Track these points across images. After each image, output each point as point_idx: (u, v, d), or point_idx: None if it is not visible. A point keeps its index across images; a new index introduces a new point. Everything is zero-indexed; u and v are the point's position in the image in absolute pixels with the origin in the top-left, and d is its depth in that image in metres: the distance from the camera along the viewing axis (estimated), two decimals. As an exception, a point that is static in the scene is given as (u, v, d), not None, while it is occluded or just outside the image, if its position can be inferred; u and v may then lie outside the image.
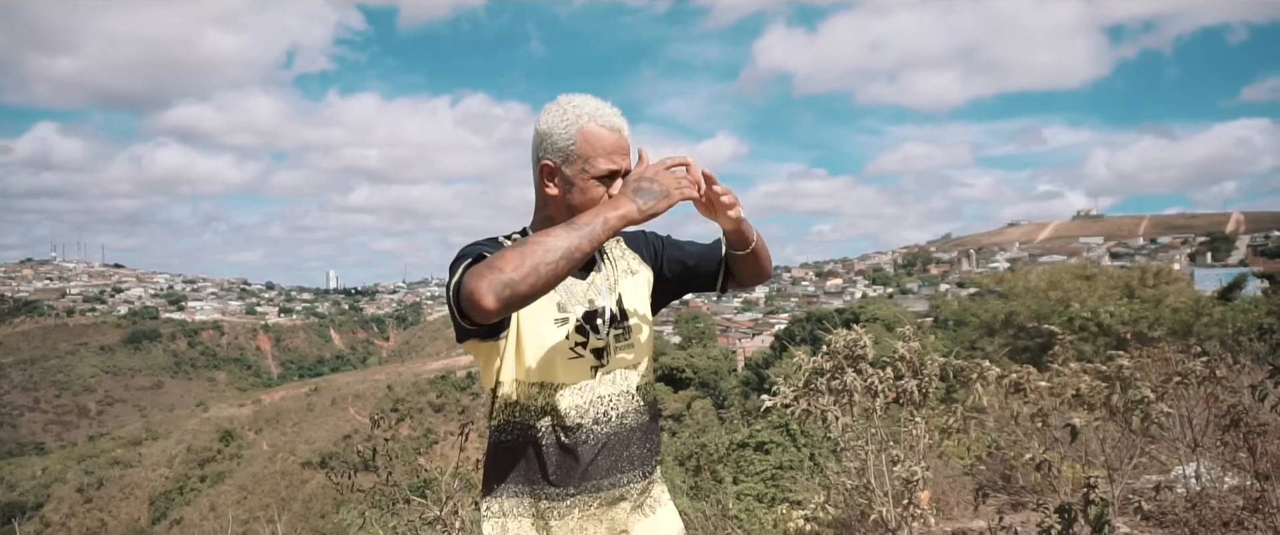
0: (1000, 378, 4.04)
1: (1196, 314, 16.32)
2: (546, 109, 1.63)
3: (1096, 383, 4.21)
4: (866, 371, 3.64)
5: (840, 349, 3.75)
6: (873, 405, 3.61)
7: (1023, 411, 4.32)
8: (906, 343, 3.81)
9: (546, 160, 1.61)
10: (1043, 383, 4.07)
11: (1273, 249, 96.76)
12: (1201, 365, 4.28)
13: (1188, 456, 5.20)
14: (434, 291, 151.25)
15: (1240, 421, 3.56)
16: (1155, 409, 4.13)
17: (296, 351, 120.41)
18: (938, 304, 58.66)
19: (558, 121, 1.59)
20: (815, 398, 3.52)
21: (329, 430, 68.85)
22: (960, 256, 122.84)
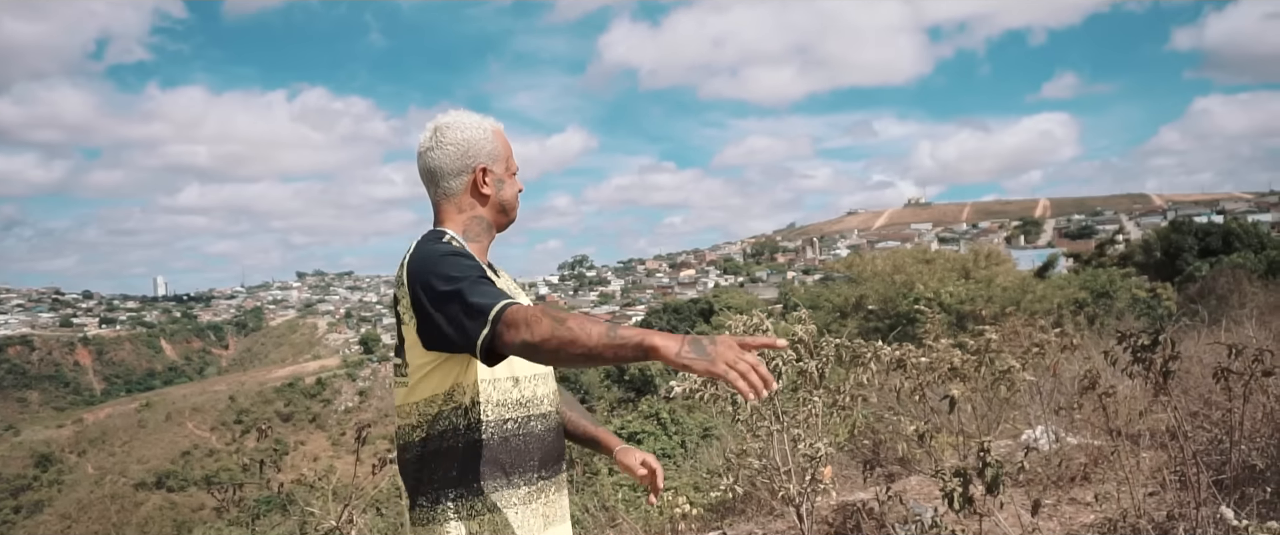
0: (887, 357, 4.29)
1: (1022, 291, 17.80)
2: (449, 125, 1.79)
3: (969, 357, 4.55)
4: (768, 355, 3.78)
5: (741, 334, 3.86)
6: (776, 386, 3.75)
7: (904, 386, 4.61)
8: (804, 326, 3.97)
9: (480, 164, 1.77)
10: (923, 359, 4.36)
11: (1074, 231, 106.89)
12: (1057, 337, 4.71)
13: (1036, 421, 5.71)
14: (276, 294, 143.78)
15: (1095, 384, 3.94)
16: (1019, 378, 4.52)
17: (123, 365, 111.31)
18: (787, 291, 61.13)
19: (475, 129, 1.79)
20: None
21: (165, 447, 64.23)
22: (805, 245, 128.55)
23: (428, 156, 1.78)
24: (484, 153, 1.78)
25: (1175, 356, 3.99)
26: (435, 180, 1.78)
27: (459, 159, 1.76)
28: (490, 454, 1.66)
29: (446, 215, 1.78)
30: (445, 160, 1.76)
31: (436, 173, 1.77)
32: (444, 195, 1.78)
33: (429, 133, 1.79)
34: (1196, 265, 29.09)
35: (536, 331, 1.41)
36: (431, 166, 1.77)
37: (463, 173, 1.77)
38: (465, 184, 1.77)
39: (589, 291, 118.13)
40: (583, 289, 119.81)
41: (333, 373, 78.80)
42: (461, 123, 1.79)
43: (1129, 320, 14.52)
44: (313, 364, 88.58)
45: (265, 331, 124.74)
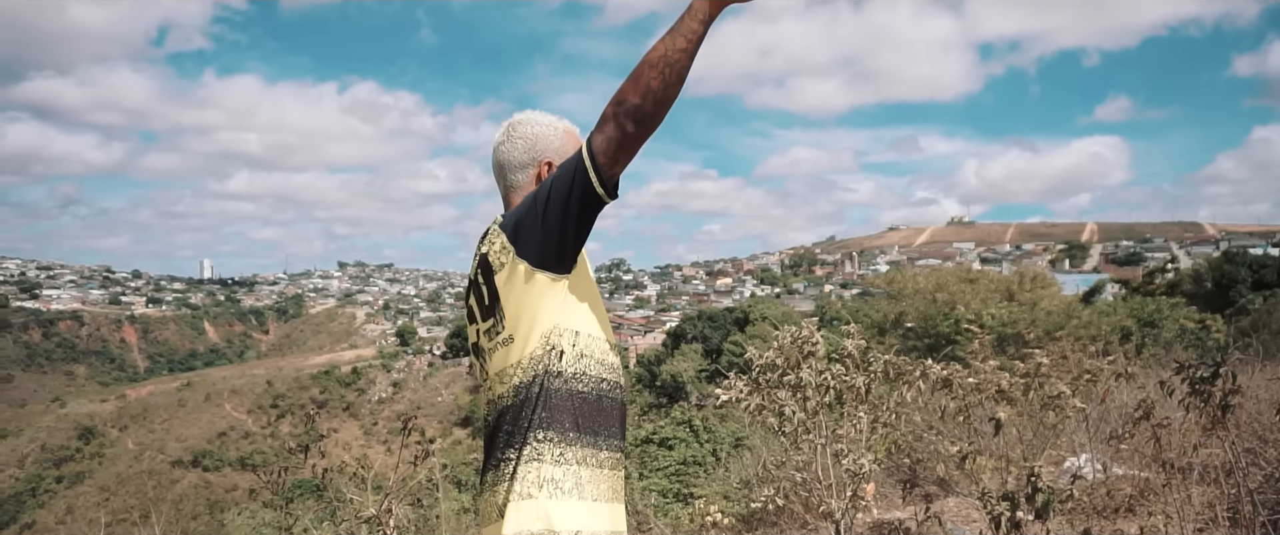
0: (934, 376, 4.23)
1: (1067, 316, 17.47)
2: (522, 121, 1.86)
3: (1016, 380, 4.47)
4: (817, 368, 3.75)
5: (790, 345, 3.85)
6: (822, 400, 3.73)
7: (949, 406, 4.55)
8: (853, 340, 3.94)
9: (547, 159, 1.83)
10: (970, 380, 4.29)
11: (1122, 257, 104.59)
12: (1109, 365, 4.61)
13: (1080, 449, 5.59)
14: (318, 283, 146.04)
15: (1150, 415, 3.85)
16: (1069, 404, 4.43)
17: (166, 344, 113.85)
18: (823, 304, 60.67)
19: (546, 126, 1.85)
20: (770, 393, 3.61)
21: (202, 427, 65.49)
22: (844, 258, 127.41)
23: (499, 150, 1.85)
24: (551, 148, 1.83)
25: (1236, 390, 3.89)
26: (504, 173, 1.84)
27: (527, 153, 1.82)
28: (588, 408, 1.68)
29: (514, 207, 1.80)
30: (514, 153, 1.83)
31: (505, 165, 1.84)
32: (511, 187, 1.84)
33: (503, 129, 1.86)
34: (1249, 298, 28.32)
35: (624, 95, 1.56)
36: (501, 160, 1.85)
37: (529, 165, 1.82)
38: (531, 176, 1.82)
39: (625, 294, 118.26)
40: (619, 292, 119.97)
41: (368, 363, 79.74)
42: (533, 119, 1.86)
43: (1177, 351, 14.18)
44: (349, 353, 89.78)
45: (305, 319, 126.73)
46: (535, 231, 1.63)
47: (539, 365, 1.65)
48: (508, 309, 1.67)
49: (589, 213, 1.63)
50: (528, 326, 1.66)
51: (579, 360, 1.67)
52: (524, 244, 1.64)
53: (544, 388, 1.64)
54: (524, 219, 1.66)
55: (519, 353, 1.66)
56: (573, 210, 1.62)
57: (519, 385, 1.65)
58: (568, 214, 1.62)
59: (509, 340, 1.67)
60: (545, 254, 1.64)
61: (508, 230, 1.68)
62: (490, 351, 1.71)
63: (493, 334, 1.70)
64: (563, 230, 1.63)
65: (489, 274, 1.70)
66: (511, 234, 1.67)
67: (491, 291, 1.70)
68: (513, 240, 1.66)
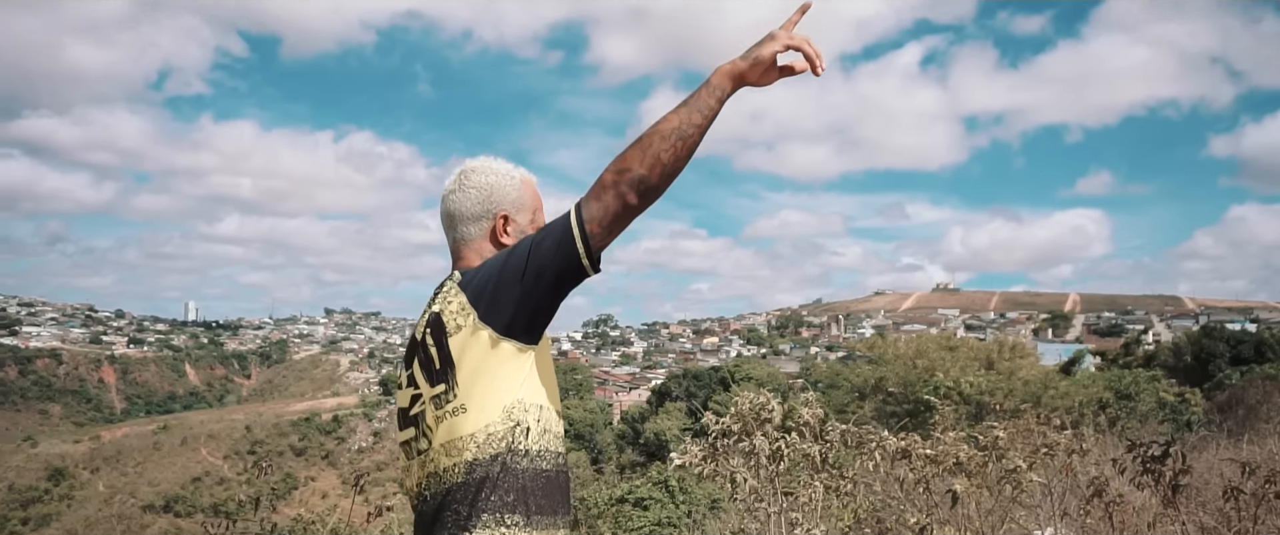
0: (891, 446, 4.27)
1: (1044, 387, 17.53)
2: (475, 169, 1.73)
3: (975, 452, 4.51)
4: (773, 435, 3.79)
5: (747, 412, 3.89)
6: (777, 468, 3.76)
7: (908, 477, 4.58)
8: (810, 409, 3.98)
9: (502, 211, 1.71)
10: (928, 451, 4.34)
11: (1104, 328, 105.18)
12: (1067, 439, 4.67)
13: (1046, 522, 5.61)
14: (303, 329, 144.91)
15: (1102, 492, 3.90)
16: (1026, 478, 4.47)
17: (145, 386, 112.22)
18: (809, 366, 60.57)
19: (502, 176, 1.73)
20: (724, 458, 3.64)
21: (177, 471, 64.28)
22: (830, 321, 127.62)
23: (449, 199, 1.72)
24: (508, 200, 1.71)
25: (1186, 470, 3.94)
26: (454, 224, 1.72)
27: (481, 203, 1.70)
28: (549, 486, 1.58)
29: (467, 261, 1.70)
30: (467, 204, 1.70)
31: (457, 216, 1.71)
32: (462, 240, 1.71)
33: (454, 177, 1.74)
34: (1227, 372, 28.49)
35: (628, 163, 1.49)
36: (453, 209, 1.72)
37: (483, 218, 1.70)
38: (484, 230, 1.70)
39: (611, 350, 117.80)
40: (605, 348, 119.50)
41: (350, 411, 78.81)
42: (488, 168, 1.73)
43: (1152, 425, 14.22)
44: (331, 400, 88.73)
45: (288, 364, 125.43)
46: (508, 298, 1.52)
47: (500, 443, 1.53)
48: (462, 376, 1.54)
49: (568, 286, 1.54)
50: (483, 396, 1.54)
51: (542, 436, 1.58)
52: (490, 309, 1.53)
53: (507, 467, 1.53)
54: (490, 282, 1.54)
55: (473, 424, 1.53)
56: (550, 281, 1.51)
57: (474, 462, 1.53)
58: (544, 285, 1.51)
59: (460, 410, 1.54)
60: (514, 323, 1.54)
61: (469, 291, 1.56)
62: (436, 421, 1.56)
63: (441, 402, 1.56)
64: (538, 301, 1.53)
65: (441, 335, 1.56)
66: (473, 296, 1.55)
67: (444, 355, 1.56)
68: (474, 302, 1.54)
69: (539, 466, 1.56)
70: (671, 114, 1.52)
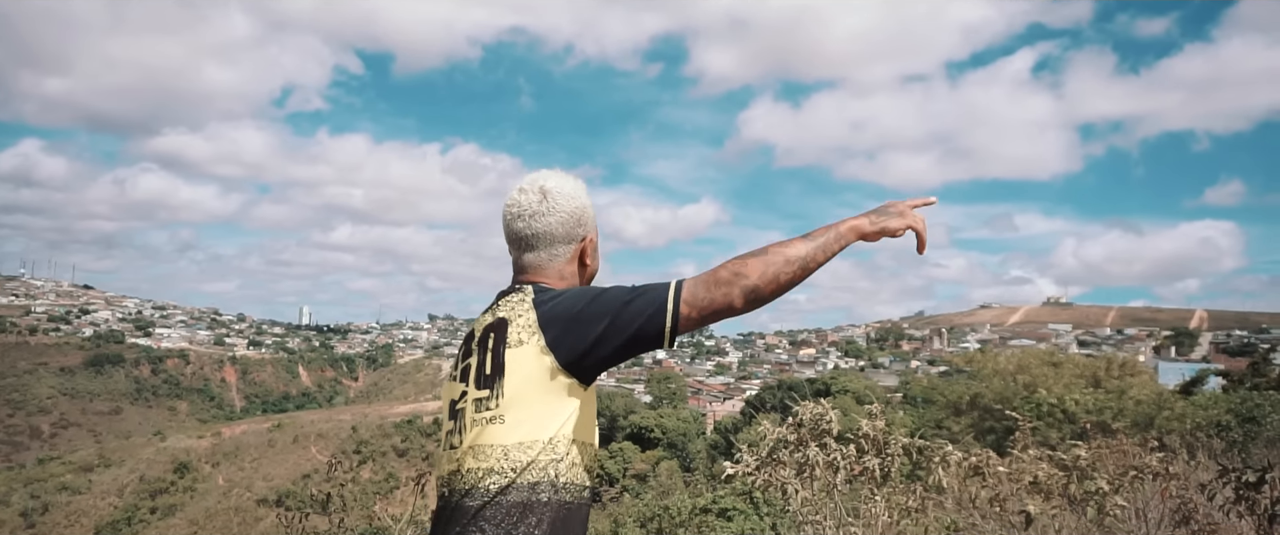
0: (961, 461, 4.11)
1: (1158, 407, 16.48)
2: (559, 191, 1.71)
3: (1054, 471, 4.29)
4: (830, 446, 3.70)
5: (806, 421, 3.81)
6: (834, 480, 3.66)
7: (981, 495, 4.38)
8: (872, 420, 3.87)
9: (589, 235, 1.74)
10: (1001, 468, 4.15)
11: (1234, 347, 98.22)
12: (1157, 461, 4.38)
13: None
14: (408, 334, 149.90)
15: (1191, 519, 3.64)
16: (1110, 501, 4.22)
17: (262, 386, 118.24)
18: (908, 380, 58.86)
19: (585, 198, 1.75)
20: (777, 469, 3.57)
21: (289, 468, 67.28)
22: (932, 335, 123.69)
23: (536, 222, 1.69)
24: (591, 223, 1.75)
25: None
26: (538, 244, 1.70)
27: (571, 226, 1.71)
28: (571, 518, 1.59)
29: (545, 279, 1.70)
30: (557, 226, 1.70)
31: (543, 237, 1.69)
32: (547, 262, 1.70)
33: (535, 195, 1.70)
34: (1372, 398, 26.20)
35: (750, 271, 1.52)
36: (539, 231, 1.69)
37: (572, 240, 1.71)
38: (573, 252, 1.72)
39: (706, 360, 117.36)
40: (700, 357, 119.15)
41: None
42: (569, 188, 1.73)
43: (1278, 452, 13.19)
44: (433, 404, 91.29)
45: (393, 368, 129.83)
46: (582, 338, 1.53)
47: (540, 472, 1.55)
48: (508, 389, 1.55)
49: (640, 350, 1.56)
50: (525, 417, 1.55)
51: (571, 470, 1.58)
52: (559, 340, 1.54)
53: (542, 498, 1.55)
54: (568, 315, 1.55)
55: (505, 438, 1.55)
56: (625, 341, 1.54)
57: (508, 485, 1.54)
58: (619, 342, 1.54)
59: (498, 420, 1.55)
60: (579, 363, 1.55)
61: (541, 311, 1.57)
62: (471, 422, 1.58)
63: (481, 406, 1.57)
64: (608, 353, 1.54)
65: (500, 344, 1.58)
66: (545, 318, 1.56)
67: (497, 363, 1.57)
68: (544, 326, 1.55)
69: (563, 499, 1.57)
70: (799, 242, 1.57)
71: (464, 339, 1.71)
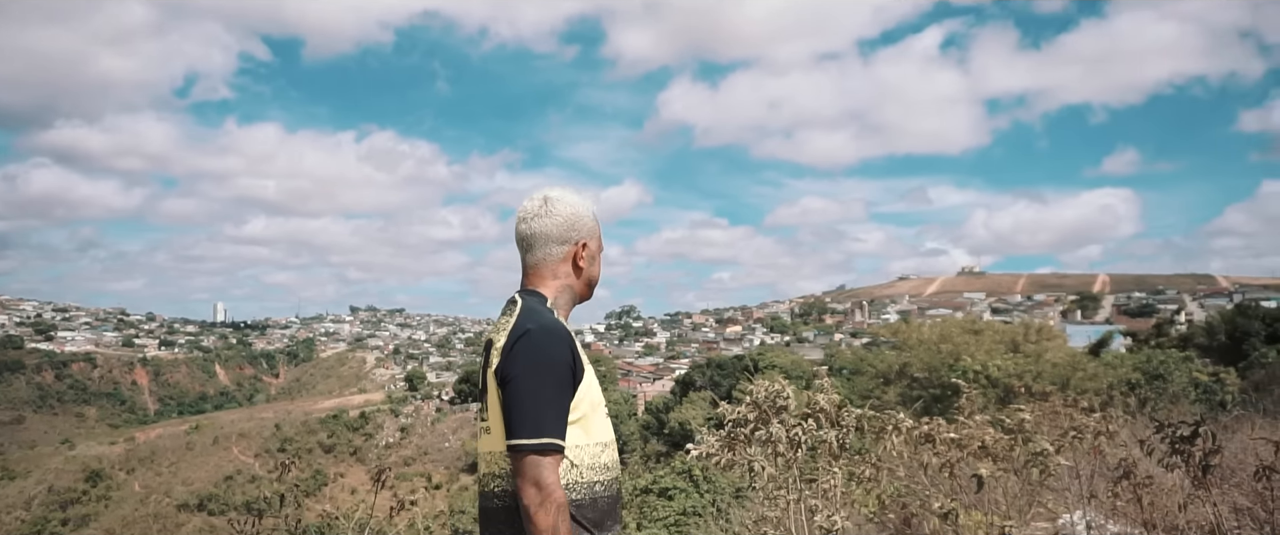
0: (912, 430, 4.20)
1: (1073, 369, 17.28)
2: (559, 198, 1.96)
3: (1001, 436, 4.43)
4: (789, 422, 3.73)
5: (762, 400, 3.83)
6: (794, 455, 3.70)
7: (932, 462, 4.50)
8: (826, 395, 3.92)
9: (582, 239, 1.95)
10: (952, 435, 4.26)
11: (1134, 309, 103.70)
12: (1095, 421, 4.57)
13: (1075, 505, 5.51)
14: (329, 327, 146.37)
15: (1131, 474, 3.80)
16: (1053, 461, 4.38)
17: (177, 387, 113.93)
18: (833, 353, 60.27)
19: (582, 206, 1.97)
20: (742, 447, 3.59)
21: (209, 471, 65.23)
22: (854, 307, 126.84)
23: (534, 222, 1.93)
24: (586, 228, 1.96)
25: (1216, 450, 3.83)
26: (535, 245, 1.94)
27: (565, 229, 1.93)
28: (582, 513, 1.76)
29: (541, 279, 1.93)
30: (552, 228, 1.92)
31: (540, 238, 1.93)
32: (543, 260, 1.94)
33: (538, 201, 1.94)
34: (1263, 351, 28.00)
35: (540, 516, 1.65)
36: (537, 231, 1.93)
37: (565, 242, 1.93)
38: (566, 253, 1.94)
39: (635, 342, 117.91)
40: (628, 339, 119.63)
41: (377, 407, 79.51)
42: (569, 199, 1.96)
43: (1184, 405, 13.98)
44: (358, 397, 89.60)
45: (315, 362, 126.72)
46: (508, 391, 1.74)
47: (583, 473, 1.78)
48: (490, 403, 1.80)
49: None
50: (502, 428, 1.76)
51: (570, 471, 1.75)
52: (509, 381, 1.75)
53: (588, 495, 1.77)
54: (507, 371, 1.74)
55: (494, 445, 1.78)
56: (504, 416, 1.77)
57: (500, 488, 1.77)
58: (502, 411, 1.78)
59: (489, 430, 1.80)
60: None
61: (507, 348, 1.77)
62: (481, 431, 1.85)
63: (480, 416, 1.85)
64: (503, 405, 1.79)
65: (486, 365, 1.82)
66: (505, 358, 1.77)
67: (484, 379, 1.82)
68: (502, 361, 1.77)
69: (571, 497, 1.74)
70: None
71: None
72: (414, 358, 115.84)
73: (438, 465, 63.85)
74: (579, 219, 1.94)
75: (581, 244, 1.94)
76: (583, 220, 1.95)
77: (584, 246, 1.94)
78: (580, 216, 1.95)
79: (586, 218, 1.96)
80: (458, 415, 73.34)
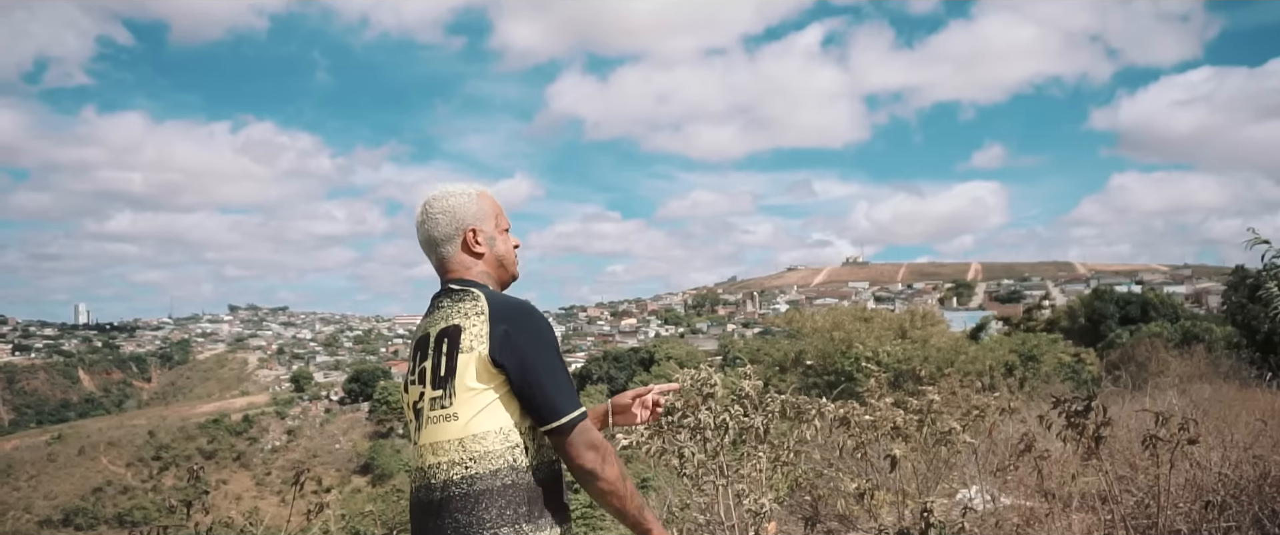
0: (830, 414, 4.34)
1: (956, 352, 18.21)
2: (435, 197, 1.95)
3: (910, 416, 4.64)
4: (716, 409, 3.80)
5: (689, 387, 3.89)
6: (721, 442, 3.77)
7: (847, 444, 4.67)
8: (750, 381, 4.01)
9: (469, 226, 1.93)
10: (867, 417, 4.43)
11: (1004, 295, 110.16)
12: (995, 400, 4.84)
13: (973, 480, 5.83)
14: (206, 327, 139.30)
15: (1031, 447, 4.05)
16: (959, 439, 4.62)
17: (35, 395, 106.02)
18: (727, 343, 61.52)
19: (459, 195, 1.95)
20: (672, 435, 3.63)
21: (76, 483, 61.18)
22: (745, 298, 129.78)
23: (422, 229, 1.95)
24: (470, 214, 1.94)
25: (1107, 423, 4.13)
26: (434, 246, 1.94)
27: (449, 224, 1.92)
28: (549, 494, 1.77)
29: (458, 273, 1.93)
30: (440, 228, 1.92)
31: (433, 240, 1.94)
32: (447, 256, 1.93)
33: (420, 208, 1.95)
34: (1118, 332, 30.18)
35: (606, 471, 1.73)
36: (429, 235, 1.94)
37: (454, 236, 1.93)
38: (459, 246, 1.93)
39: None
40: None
41: (261, 410, 76.36)
42: (445, 192, 1.96)
43: (1055, 384, 14.94)
44: (241, 400, 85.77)
45: (192, 365, 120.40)
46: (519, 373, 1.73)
47: (498, 460, 1.73)
48: (459, 389, 1.74)
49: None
50: (475, 413, 1.74)
51: (539, 452, 1.77)
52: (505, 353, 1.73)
53: (505, 482, 1.73)
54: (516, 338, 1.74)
55: (458, 432, 1.74)
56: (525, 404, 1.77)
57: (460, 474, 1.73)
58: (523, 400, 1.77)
59: (452, 417, 1.75)
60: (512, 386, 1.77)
61: (497, 333, 1.74)
62: (429, 421, 1.77)
63: (436, 405, 1.76)
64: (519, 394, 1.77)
65: (454, 348, 1.76)
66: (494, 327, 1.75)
67: (450, 365, 1.76)
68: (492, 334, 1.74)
69: (535, 479, 1.75)
70: (642, 504, 1.79)
71: (416, 343, 1.90)
72: (300, 357, 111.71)
73: (328, 467, 61.81)
74: (458, 208, 1.93)
75: (470, 231, 1.93)
76: (464, 208, 1.94)
77: (474, 232, 1.93)
78: (458, 206, 1.94)
79: (467, 204, 1.94)
80: (348, 416, 71.22)
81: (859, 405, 4.71)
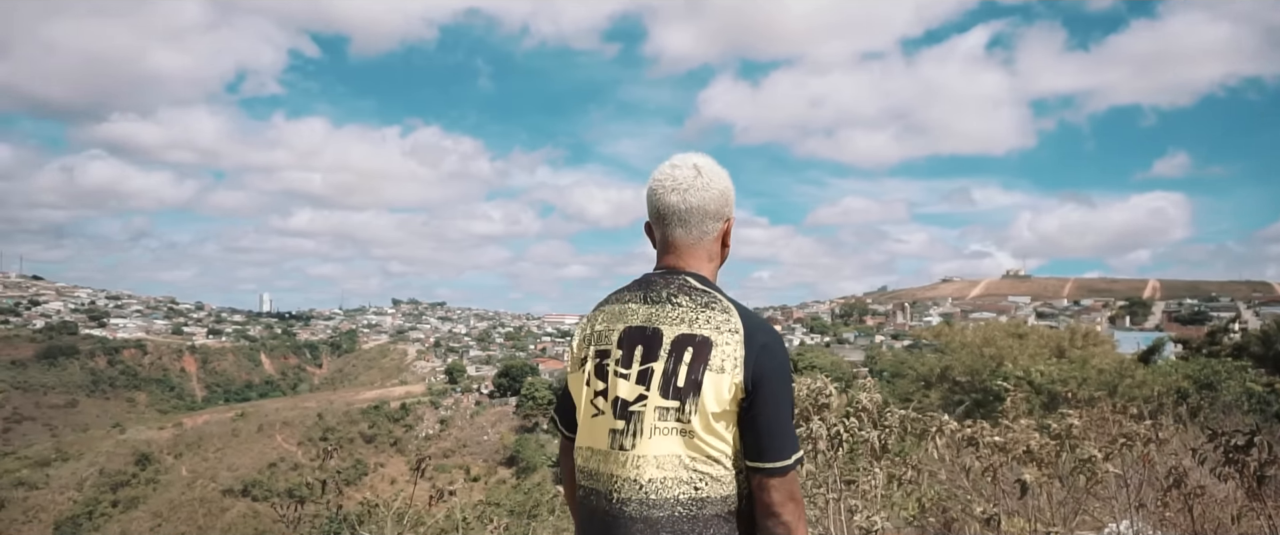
0: (955, 432, 4.14)
1: (1120, 375, 16.89)
2: (711, 169, 1.73)
3: (1047, 441, 4.35)
4: (830, 421, 3.71)
5: (804, 397, 3.81)
6: (835, 454, 3.67)
7: (975, 466, 4.43)
8: (868, 394, 3.88)
9: (732, 216, 1.76)
10: (996, 438, 4.19)
11: (1185, 316, 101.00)
12: (1145, 428, 4.46)
13: (1122, 514, 5.39)
14: (371, 319, 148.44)
15: (1182, 483, 3.72)
16: (1101, 468, 4.29)
17: (224, 375, 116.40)
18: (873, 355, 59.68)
19: (728, 180, 1.75)
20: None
21: (254, 457, 66.55)
22: (895, 309, 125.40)
23: (690, 195, 1.69)
24: (732, 204, 1.76)
25: (1272, 460, 3.73)
26: (694, 221, 1.70)
27: (721, 203, 1.72)
28: (750, 529, 1.64)
29: (696, 260, 1.72)
30: (709, 201, 1.70)
31: (697, 212, 1.70)
32: (699, 237, 1.71)
33: (689, 170, 1.71)
34: (1322, 362, 27.09)
35: (799, 530, 1.59)
36: (694, 205, 1.69)
37: (720, 219, 1.73)
38: (719, 231, 1.74)
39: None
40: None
41: (417, 399, 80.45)
42: (720, 171, 1.74)
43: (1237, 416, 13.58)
44: (399, 389, 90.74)
45: (357, 353, 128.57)
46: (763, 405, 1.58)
47: (727, 487, 1.59)
48: (699, 409, 1.57)
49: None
50: (715, 434, 1.58)
51: (740, 477, 1.63)
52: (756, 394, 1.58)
53: (736, 512, 1.61)
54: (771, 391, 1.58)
55: (694, 451, 1.58)
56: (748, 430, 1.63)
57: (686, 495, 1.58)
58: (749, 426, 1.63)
59: (688, 434, 1.58)
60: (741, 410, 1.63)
61: (754, 361, 1.58)
62: (653, 430, 1.60)
63: (666, 415, 1.59)
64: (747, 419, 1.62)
65: (700, 362, 1.59)
66: (756, 370, 1.57)
67: (693, 380, 1.58)
68: (754, 373, 1.57)
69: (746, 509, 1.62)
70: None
71: (629, 332, 1.68)
72: (454, 351, 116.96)
73: (476, 458, 64.51)
74: (730, 191, 1.73)
75: (732, 221, 1.75)
76: (732, 194, 1.74)
77: (732, 223, 1.75)
78: (731, 189, 1.73)
79: (732, 193, 1.74)
80: (496, 409, 73.96)
81: (991, 425, 4.46)
